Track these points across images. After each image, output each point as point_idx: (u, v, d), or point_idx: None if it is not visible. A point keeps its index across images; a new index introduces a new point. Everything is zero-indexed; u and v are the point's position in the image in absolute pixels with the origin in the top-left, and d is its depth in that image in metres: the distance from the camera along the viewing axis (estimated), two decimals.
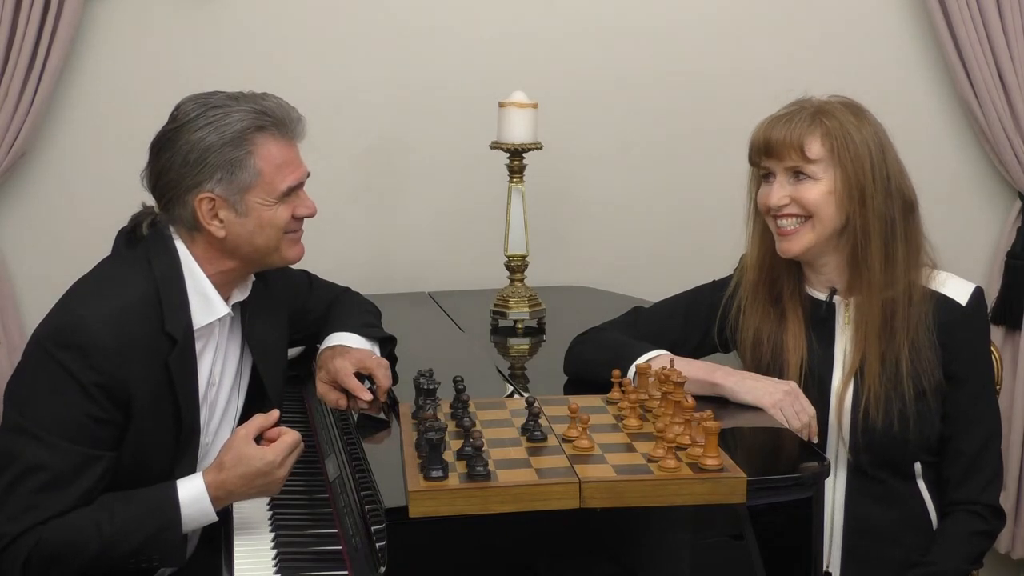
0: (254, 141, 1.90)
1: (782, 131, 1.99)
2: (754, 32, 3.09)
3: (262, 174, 1.90)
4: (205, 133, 1.88)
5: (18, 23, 2.72)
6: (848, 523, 2.03)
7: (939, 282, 2.03)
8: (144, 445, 1.88)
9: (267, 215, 1.92)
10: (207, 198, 1.89)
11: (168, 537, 1.81)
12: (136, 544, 1.80)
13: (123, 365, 1.82)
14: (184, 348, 1.90)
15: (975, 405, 2.02)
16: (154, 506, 1.82)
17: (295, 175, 1.95)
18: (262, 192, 1.91)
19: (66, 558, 1.79)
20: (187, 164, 1.89)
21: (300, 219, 1.99)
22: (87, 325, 1.82)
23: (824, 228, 1.99)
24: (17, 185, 2.86)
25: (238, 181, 1.89)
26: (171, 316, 1.89)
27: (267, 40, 2.91)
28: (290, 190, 1.94)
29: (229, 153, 1.88)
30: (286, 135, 1.95)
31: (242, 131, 1.89)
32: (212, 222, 1.90)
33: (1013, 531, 3.18)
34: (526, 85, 2.63)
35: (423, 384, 1.79)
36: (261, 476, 1.83)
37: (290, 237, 1.98)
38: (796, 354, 2.05)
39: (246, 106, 1.91)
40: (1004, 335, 3.18)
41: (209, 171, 1.88)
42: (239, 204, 1.90)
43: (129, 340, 1.83)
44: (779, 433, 1.87)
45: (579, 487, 1.56)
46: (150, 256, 1.92)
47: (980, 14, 3.01)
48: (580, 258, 3.10)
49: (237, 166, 1.89)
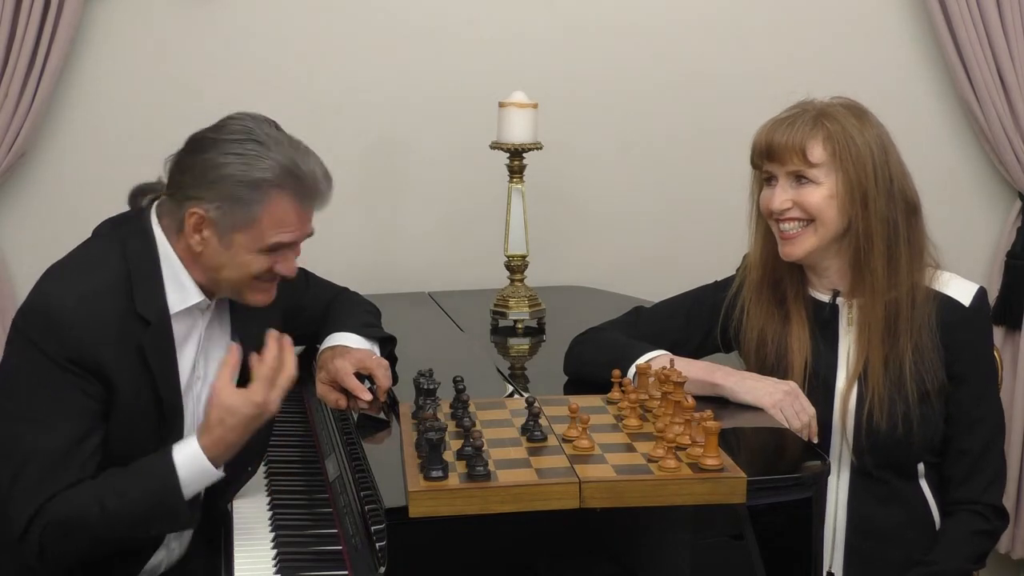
0: (270, 195, 1.87)
1: (784, 135, 1.99)
2: (754, 32, 3.09)
3: (259, 224, 1.88)
4: (231, 161, 1.87)
5: (18, 23, 2.72)
6: (851, 523, 2.03)
7: (942, 282, 2.03)
8: (127, 430, 1.89)
9: (244, 259, 1.90)
10: (199, 215, 1.89)
11: (170, 502, 1.81)
12: (140, 513, 1.81)
13: (93, 341, 1.83)
14: (159, 331, 1.90)
15: (978, 405, 2.02)
16: (152, 474, 1.83)
17: (289, 234, 1.92)
18: (250, 239, 1.89)
19: (75, 533, 1.81)
20: (202, 177, 1.88)
21: (276, 274, 1.95)
22: (55, 303, 1.85)
23: (827, 231, 1.99)
24: (17, 185, 2.86)
25: (235, 217, 1.88)
26: (143, 298, 1.90)
27: (267, 40, 2.91)
28: (277, 246, 1.91)
29: (241, 192, 1.87)
30: (303, 202, 1.92)
31: (263, 180, 1.87)
32: (194, 235, 1.90)
33: (1013, 531, 3.18)
34: (526, 85, 2.63)
35: (423, 384, 1.79)
36: (253, 419, 1.83)
37: (259, 285, 1.95)
38: (800, 355, 2.05)
39: (282, 157, 1.89)
40: (1004, 335, 3.18)
41: (215, 195, 1.87)
42: (225, 236, 1.89)
43: (98, 318, 1.85)
44: (779, 433, 1.87)
45: (579, 487, 1.56)
46: (126, 240, 1.94)
47: (980, 14, 3.01)
48: (580, 258, 3.10)
49: (241, 206, 1.87)
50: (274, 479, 2.14)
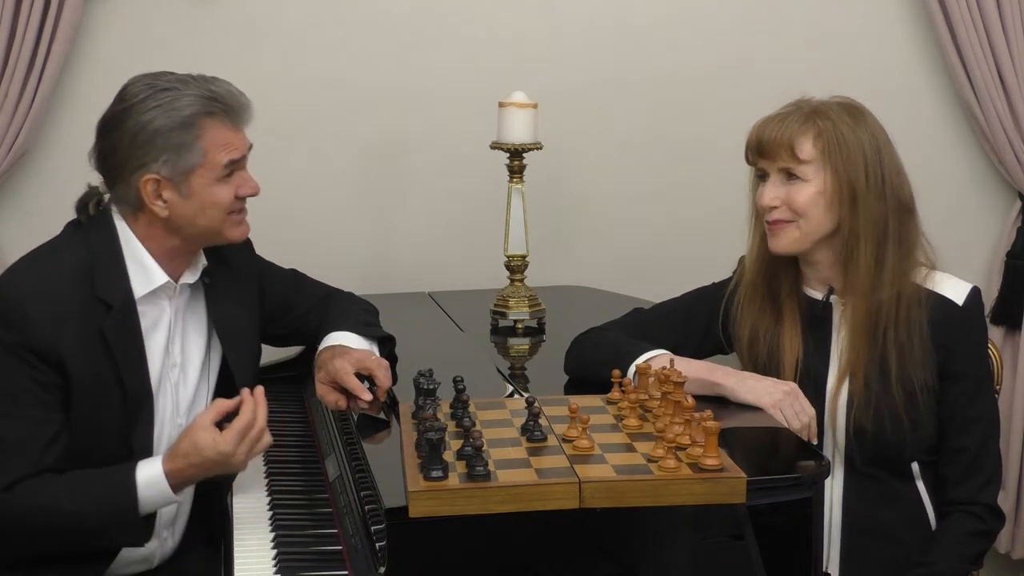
0: (202, 126, 1.91)
1: (774, 131, 1.99)
2: (754, 32, 3.09)
3: (207, 155, 1.91)
4: (154, 115, 1.90)
5: (18, 23, 2.72)
6: (846, 523, 2.03)
7: (935, 282, 2.03)
8: (92, 417, 1.89)
9: (209, 196, 1.93)
10: (152, 179, 1.91)
11: (127, 519, 1.84)
12: (95, 523, 1.83)
13: (48, 327, 1.84)
14: (123, 315, 1.91)
15: (973, 404, 2.02)
16: (112, 488, 1.84)
17: (236, 151, 1.95)
18: (206, 173, 1.92)
19: (29, 528, 1.83)
20: (134, 145, 1.90)
21: (243, 199, 1.98)
22: (7, 291, 1.87)
23: (812, 229, 1.99)
24: (17, 185, 2.86)
25: (183, 163, 1.90)
26: (104, 282, 1.91)
27: (267, 40, 2.91)
28: (231, 166, 1.94)
29: (177, 137, 1.90)
30: (235, 121, 1.96)
31: (191, 116, 1.90)
32: (156, 203, 1.92)
33: (1013, 531, 3.18)
34: (526, 85, 2.63)
35: (423, 384, 1.79)
36: (216, 465, 1.85)
37: (233, 218, 1.98)
38: (792, 353, 2.05)
39: (196, 90, 1.93)
40: (1004, 335, 3.18)
41: (156, 153, 1.90)
42: (183, 185, 1.92)
43: (54, 304, 1.86)
44: (779, 433, 1.87)
45: (579, 487, 1.56)
46: (88, 234, 1.96)
47: (980, 14, 3.01)
48: (580, 258, 3.10)
49: (184, 149, 1.90)
50: (274, 479, 2.14)
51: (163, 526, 2.04)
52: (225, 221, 1.97)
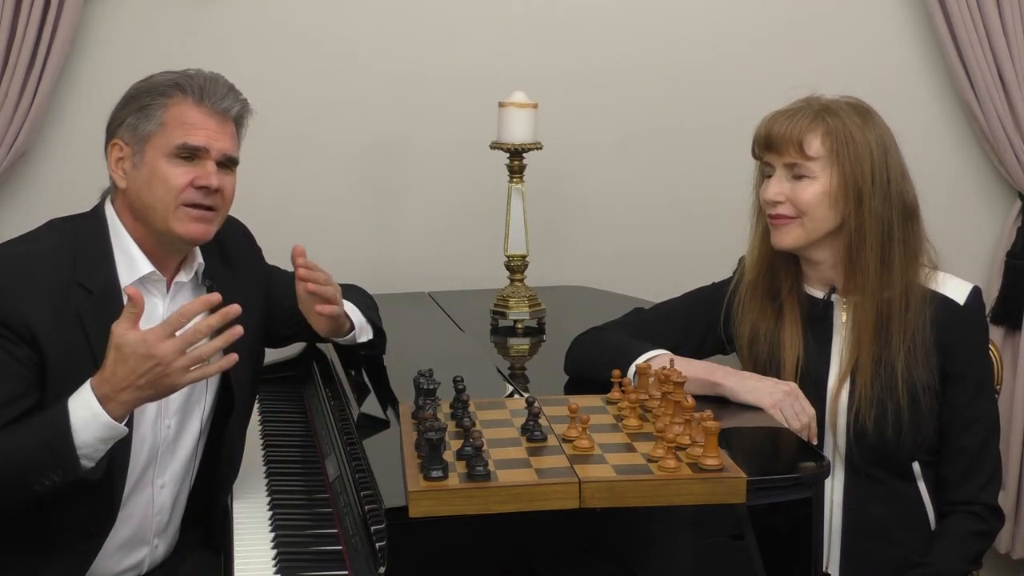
0: (170, 95, 1.92)
1: (783, 126, 2.00)
2: (754, 32, 3.09)
3: (164, 126, 1.91)
4: (140, 83, 1.97)
5: (18, 23, 2.72)
6: (847, 523, 2.03)
7: (937, 282, 2.03)
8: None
9: (158, 171, 1.90)
10: (117, 145, 1.94)
11: (60, 441, 1.74)
12: (29, 453, 1.75)
13: (21, 302, 1.82)
14: (103, 301, 1.88)
15: (973, 404, 2.02)
16: (44, 416, 1.79)
17: (196, 137, 1.91)
18: (159, 144, 1.91)
19: None
20: (116, 109, 1.96)
21: (203, 191, 1.91)
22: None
23: (815, 227, 2.00)
24: (17, 185, 2.86)
25: (142, 129, 1.92)
26: (85, 268, 1.89)
27: (267, 40, 2.91)
28: (186, 149, 1.90)
29: (144, 99, 1.93)
30: (204, 102, 1.93)
31: (163, 83, 1.94)
32: (117, 171, 1.94)
33: (1013, 531, 3.18)
34: (526, 85, 2.63)
35: (423, 384, 1.79)
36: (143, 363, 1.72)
37: (186, 211, 1.91)
38: (792, 353, 2.05)
39: (184, 72, 1.97)
40: (1004, 335, 3.18)
41: (125, 115, 1.93)
42: (138, 154, 1.92)
43: (29, 281, 1.85)
44: (779, 433, 1.87)
45: (579, 487, 1.56)
46: (77, 219, 1.97)
47: (980, 14, 3.01)
48: (580, 258, 3.10)
49: (146, 114, 1.92)
50: (274, 479, 2.14)
51: (154, 534, 2.02)
52: (174, 209, 1.90)
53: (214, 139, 1.93)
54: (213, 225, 1.96)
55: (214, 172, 1.93)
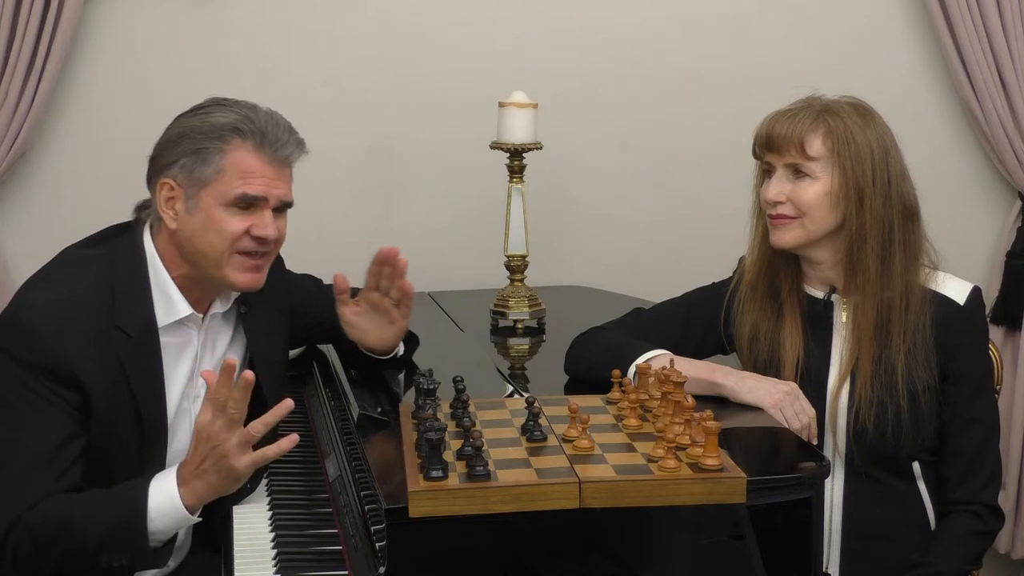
0: (230, 141, 1.84)
1: (784, 126, 2.00)
2: (754, 33, 3.09)
3: (222, 173, 1.84)
4: (195, 119, 1.87)
5: (18, 23, 2.72)
6: (847, 523, 2.03)
7: (937, 282, 2.03)
8: (107, 444, 1.84)
9: (216, 218, 1.84)
10: (168, 184, 1.86)
11: (133, 527, 1.73)
12: (101, 534, 1.73)
13: (64, 349, 1.78)
14: (142, 344, 1.85)
15: (973, 404, 2.02)
16: (123, 493, 1.77)
17: (256, 186, 1.86)
18: (216, 192, 1.84)
19: (44, 545, 1.75)
20: (167, 145, 1.88)
21: (258, 241, 1.87)
22: (25, 310, 1.82)
23: (816, 227, 2.00)
24: (17, 185, 2.86)
25: (198, 173, 1.84)
26: (124, 310, 1.85)
27: (267, 40, 2.91)
28: (244, 200, 1.85)
29: (202, 142, 1.84)
30: (265, 149, 1.87)
31: (222, 126, 1.85)
32: (167, 211, 1.87)
33: (1013, 531, 3.18)
34: (526, 85, 2.63)
35: (423, 384, 1.79)
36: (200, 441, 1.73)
37: (241, 260, 1.87)
38: (792, 353, 2.05)
39: (242, 111, 1.88)
40: (1004, 335, 3.18)
41: (178, 154, 1.85)
42: (192, 198, 1.85)
43: (71, 326, 1.80)
44: (779, 433, 1.87)
45: (579, 487, 1.56)
46: (115, 252, 1.90)
47: (980, 14, 3.01)
48: (580, 258, 3.10)
49: (203, 158, 1.84)
50: (274, 479, 2.14)
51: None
52: (228, 257, 1.86)
53: (272, 187, 1.88)
54: (264, 272, 1.92)
55: (271, 222, 1.88)
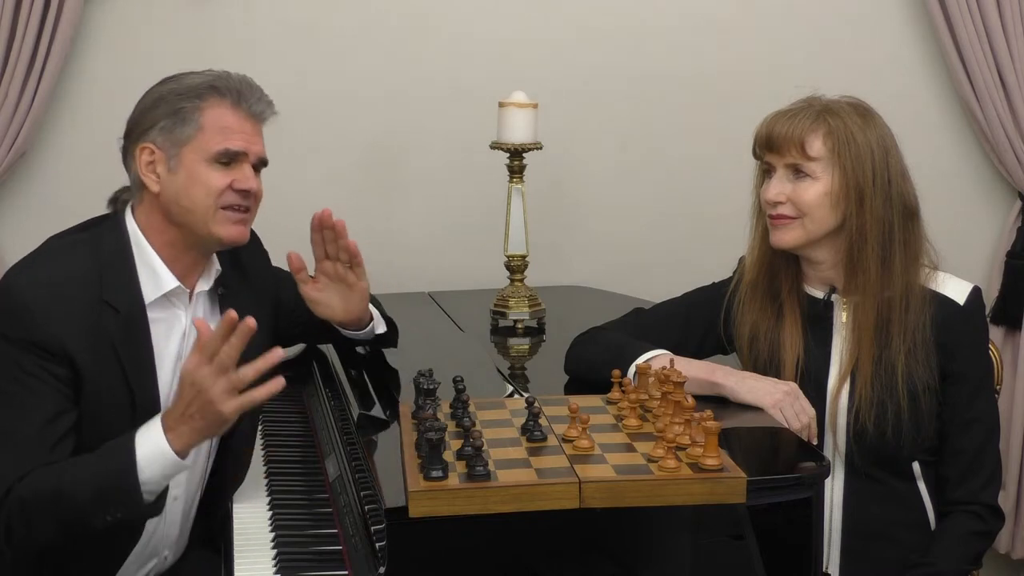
0: (205, 98, 1.89)
1: (785, 127, 2.00)
2: (753, 32, 3.09)
3: (202, 130, 1.88)
4: (167, 85, 1.92)
5: (18, 23, 2.72)
6: (847, 523, 2.03)
7: (937, 282, 2.03)
8: (99, 422, 1.85)
9: (198, 175, 1.88)
10: (147, 148, 1.89)
11: (124, 479, 1.72)
12: (92, 493, 1.74)
13: (56, 324, 1.81)
14: (131, 320, 1.88)
15: (973, 404, 2.02)
16: (110, 451, 1.77)
17: (236, 142, 1.90)
18: (197, 148, 1.88)
19: (36, 513, 1.76)
20: (142, 111, 1.92)
21: (241, 194, 1.91)
22: (16, 289, 1.84)
23: (816, 227, 2.00)
24: (17, 185, 2.86)
25: (178, 133, 1.88)
26: (111, 286, 1.87)
27: (267, 40, 2.91)
28: (226, 155, 1.89)
29: (178, 103, 1.89)
30: (241, 106, 1.92)
31: (197, 86, 1.90)
32: (149, 175, 1.90)
33: (1013, 531, 3.18)
34: (526, 85, 2.63)
35: (423, 384, 1.79)
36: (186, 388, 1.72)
37: (225, 214, 1.91)
38: (792, 353, 2.05)
39: (212, 72, 1.94)
40: (1004, 335, 3.18)
41: (156, 117, 1.89)
42: (173, 158, 1.89)
43: (61, 302, 1.83)
44: (779, 433, 1.87)
45: (579, 487, 1.56)
46: (99, 235, 1.93)
47: (980, 14, 3.01)
48: (580, 258, 3.10)
49: (181, 118, 1.88)
50: (274, 479, 2.14)
51: (165, 545, 2.02)
52: (214, 212, 1.89)
53: (251, 143, 1.94)
54: (248, 226, 1.97)
55: (252, 175, 1.94)
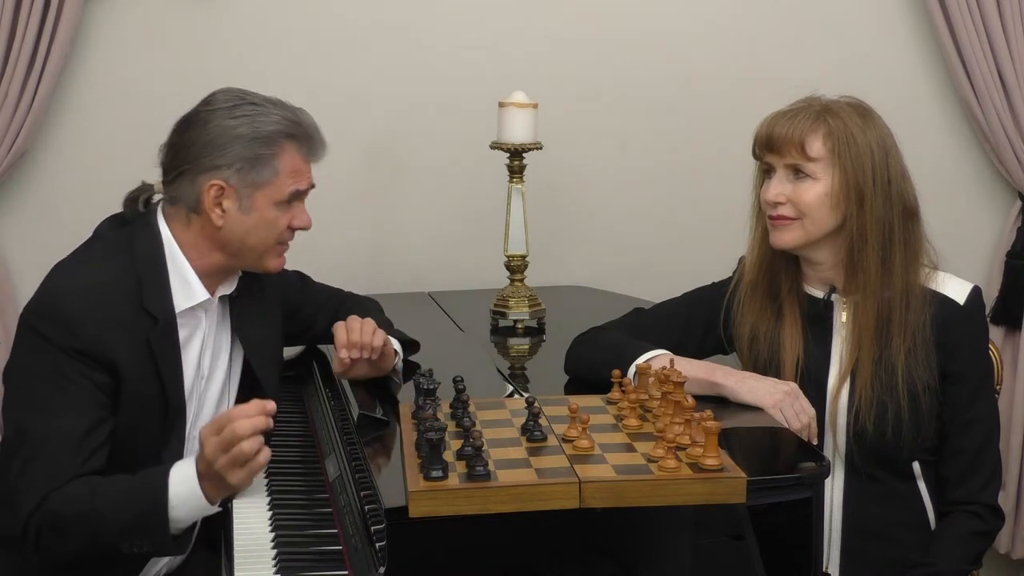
0: (282, 145, 1.94)
1: (785, 127, 2.00)
2: (753, 32, 3.09)
3: (277, 176, 1.94)
4: (239, 123, 1.92)
5: (18, 23, 2.72)
6: (847, 523, 2.03)
7: (937, 282, 2.03)
8: (133, 426, 1.88)
9: (268, 217, 1.95)
10: (218, 185, 1.91)
11: (155, 516, 1.76)
12: (124, 521, 1.76)
13: (101, 332, 1.84)
14: (166, 328, 1.91)
15: (973, 404, 2.02)
16: (144, 482, 1.79)
17: (303, 183, 1.99)
18: (271, 193, 1.94)
19: (66, 528, 1.78)
20: (212, 146, 1.91)
21: (293, 231, 2.00)
22: (64, 296, 1.86)
23: (815, 228, 2.00)
24: (17, 185, 2.86)
25: (254, 177, 1.92)
26: (151, 294, 1.91)
27: (267, 40, 2.91)
28: (294, 195, 1.97)
29: (257, 149, 1.91)
30: (310, 151, 1.99)
31: (274, 133, 1.93)
32: (215, 209, 1.92)
33: (1013, 531, 3.18)
34: (526, 85, 2.63)
35: (423, 384, 1.79)
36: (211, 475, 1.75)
37: (279, 248, 2.00)
38: (792, 353, 2.05)
39: (283, 112, 1.96)
40: (1004, 335, 3.18)
41: (231, 159, 1.90)
42: (245, 199, 1.92)
43: (106, 311, 1.86)
44: (779, 433, 1.86)
45: (579, 487, 1.56)
46: (133, 239, 1.95)
47: (980, 14, 3.01)
48: (580, 258, 3.10)
49: (259, 163, 1.92)
50: (274, 479, 2.14)
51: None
52: (271, 248, 1.98)
53: (310, 181, 2.02)
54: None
55: (306, 213, 2.02)
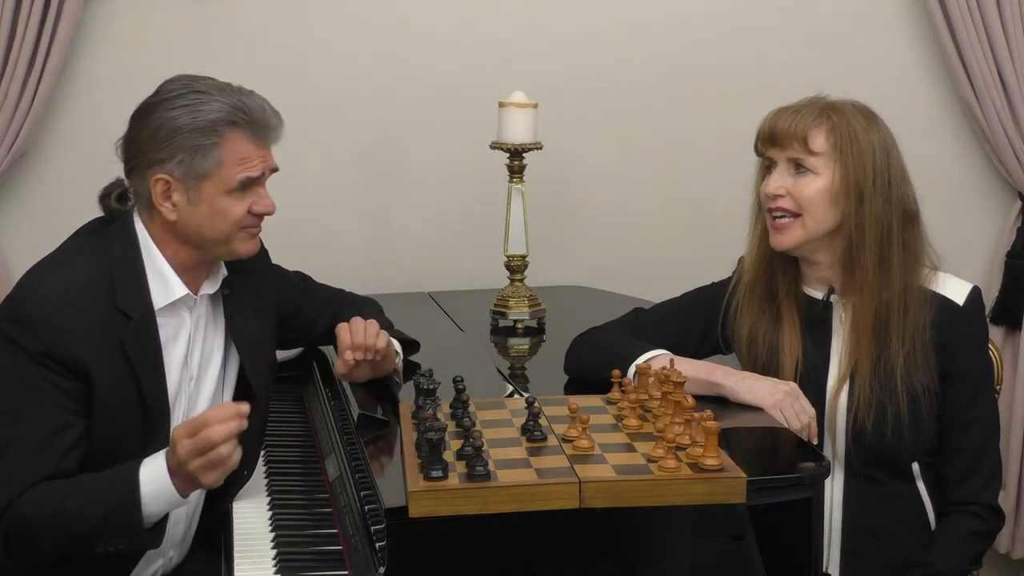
0: (224, 134, 1.87)
1: (788, 121, 2.00)
2: (753, 32, 3.09)
3: (222, 165, 1.88)
4: (179, 114, 1.88)
5: (18, 23, 2.72)
6: (846, 524, 2.03)
7: (937, 283, 2.03)
8: (111, 428, 1.85)
9: (219, 207, 1.89)
10: (162, 179, 1.88)
11: (128, 513, 1.72)
12: (97, 520, 1.74)
13: (69, 336, 1.81)
14: (142, 326, 1.88)
15: (973, 404, 2.02)
16: (114, 480, 1.76)
17: (253, 169, 1.91)
18: (218, 183, 1.88)
19: (36, 531, 1.76)
20: (154, 140, 1.88)
21: (258, 216, 1.95)
22: (29, 298, 1.84)
23: (816, 226, 2.00)
24: (17, 185, 2.86)
25: (197, 168, 1.87)
26: (124, 293, 1.88)
27: (267, 40, 2.91)
28: (245, 183, 1.90)
29: (196, 139, 1.86)
30: (258, 135, 1.91)
31: (214, 121, 1.87)
32: (164, 204, 1.89)
33: (1013, 531, 3.18)
34: (526, 85, 2.63)
35: (423, 384, 1.79)
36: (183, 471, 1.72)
37: (246, 232, 1.94)
38: (791, 354, 2.05)
39: (227, 98, 1.90)
40: (1004, 335, 3.18)
41: (171, 151, 1.87)
42: (192, 191, 1.88)
43: (75, 313, 1.83)
44: (779, 433, 1.87)
45: (579, 487, 1.56)
46: (109, 238, 1.93)
47: (980, 14, 3.01)
48: (580, 258, 3.10)
49: (200, 153, 1.87)
50: (274, 479, 2.14)
51: (170, 546, 2.02)
52: (234, 235, 1.93)
53: (266, 163, 1.94)
54: (259, 235, 1.99)
55: (266, 195, 1.95)
